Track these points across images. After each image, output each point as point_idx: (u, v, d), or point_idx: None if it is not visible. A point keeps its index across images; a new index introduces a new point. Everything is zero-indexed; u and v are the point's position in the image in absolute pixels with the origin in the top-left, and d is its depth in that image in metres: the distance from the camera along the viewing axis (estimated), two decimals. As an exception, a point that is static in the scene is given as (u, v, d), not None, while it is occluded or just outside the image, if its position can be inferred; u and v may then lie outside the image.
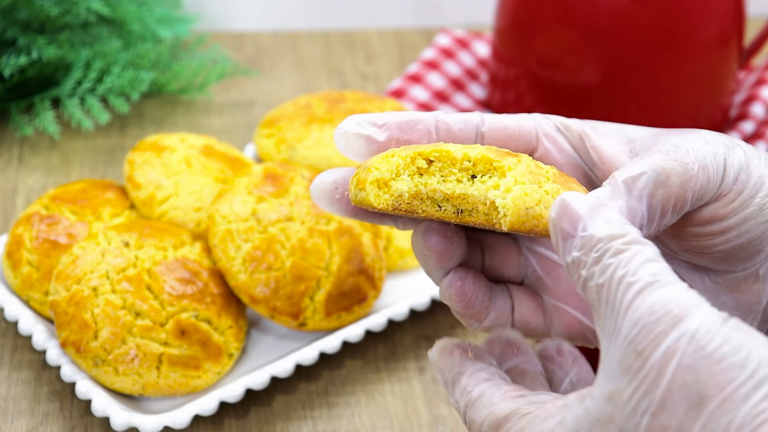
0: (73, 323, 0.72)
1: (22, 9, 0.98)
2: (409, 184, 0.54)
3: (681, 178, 0.50)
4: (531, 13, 0.95)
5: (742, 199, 0.52)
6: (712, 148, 0.51)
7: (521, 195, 0.51)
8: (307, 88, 1.09)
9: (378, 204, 0.54)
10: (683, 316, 0.43)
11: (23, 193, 0.93)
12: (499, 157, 0.52)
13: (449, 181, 0.54)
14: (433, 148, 0.54)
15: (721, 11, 0.92)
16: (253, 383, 0.73)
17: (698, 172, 0.50)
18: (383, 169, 0.54)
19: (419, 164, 0.54)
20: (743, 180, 0.52)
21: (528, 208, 0.51)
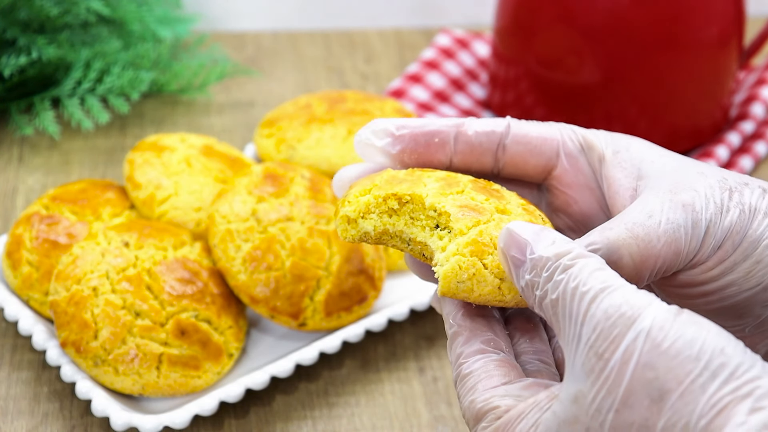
0: (73, 323, 0.72)
1: (22, 9, 0.98)
2: (376, 224, 0.56)
3: (635, 258, 0.51)
4: (531, 13, 0.95)
5: (724, 267, 0.52)
6: (697, 215, 0.51)
7: (454, 268, 0.53)
8: (307, 88, 1.09)
9: (344, 237, 0.56)
10: (636, 316, 0.45)
11: (23, 193, 0.93)
12: (466, 212, 0.54)
13: (416, 225, 0.56)
14: (408, 190, 0.55)
15: (721, 11, 0.92)
16: (253, 383, 0.73)
17: (662, 249, 0.51)
18: (352, 208, 0.56)
19: (391, 204, 0.56)
20: (728, 247, 0.52)
21: (459, 282, 0.53)
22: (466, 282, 0.53)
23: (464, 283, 0.53)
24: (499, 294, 0.53)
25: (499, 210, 0.55)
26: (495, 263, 0.53)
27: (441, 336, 0.81)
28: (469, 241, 0.53)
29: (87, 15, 0.99)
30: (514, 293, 0.53)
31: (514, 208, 0.56)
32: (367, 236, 0.57)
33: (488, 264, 0.53)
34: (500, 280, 0.53)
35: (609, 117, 0.94)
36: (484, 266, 0.53)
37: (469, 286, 0.53)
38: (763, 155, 1.00)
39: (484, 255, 0.53)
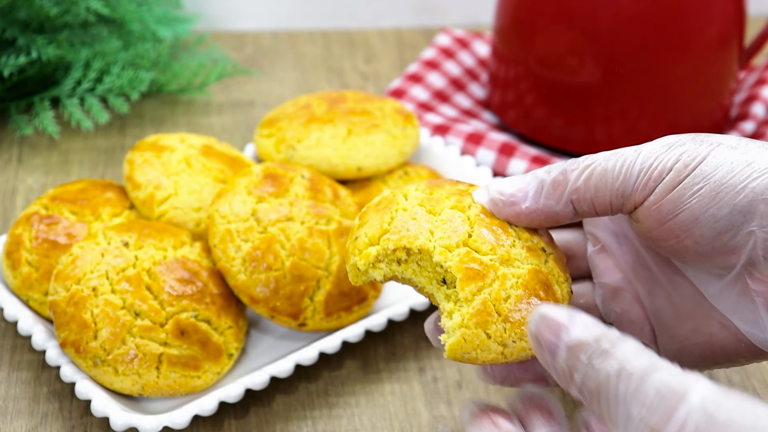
0: (73, 323, 0.72)
1: (22, 8, 0.98)
2: (385, 272, 0.59)
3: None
4: (531, 13, 0.95)
5: (672, 202, 0.55)
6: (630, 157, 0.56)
7: (459, 341, 0.56)
8: (307, 88, 1.09)
9: (355, 282, 0.60)
10: (687, 390, 0.45)
11: (23, 193, 0.93)
12: (467, 277, 0.57)
13: (423, 275, 0.59)
14: (417, 243, 0.58)
15: (722, 11, 0.92)
16: (252, 383, 0.73)
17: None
18: (361, 262, 0.59)
19: (399, 255, 0.59)
20: (668, 180, 0.55)
21: (465, 352, 0.56)
22: (470, 352, 0.56)
23: (469, 353, 0.56)
24: (502, 358, 0.57)
25: (503, 261, 0.58)
26: (498, 332, 0.56)
27: (441, 336, 0.81)
28: (474, 313, 0.56)
29: (86, 15, 0.99)
30: (516, 355, 0.57)
31: (519, 251, 0.58)
32: (374, 281, 0.60)
33: (492, 334, 0.56)
34: (503, 347, 0.56)
35: (609, 117, 0.94)
36: (487, 336, 0.56)
37: (473, 356, 0.56)
38: (763, 155, 0.99)
39: (488, 326, 0.56)
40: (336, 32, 1.17)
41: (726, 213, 0.54)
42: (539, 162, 0.95)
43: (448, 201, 0.60)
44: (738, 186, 0.54)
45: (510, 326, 0.56)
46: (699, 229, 0.55)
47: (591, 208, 0.57)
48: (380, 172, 0.87)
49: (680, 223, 0.55)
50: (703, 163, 0.54)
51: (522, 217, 0.59)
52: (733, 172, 0.54)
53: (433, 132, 0.98)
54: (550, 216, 0.58)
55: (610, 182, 0.56)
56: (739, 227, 0.54)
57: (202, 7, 1.17)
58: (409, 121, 0.90)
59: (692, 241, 0.55)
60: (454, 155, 0.92)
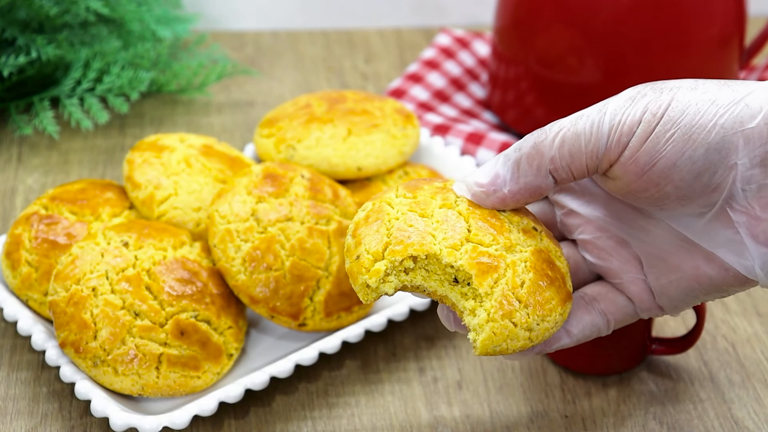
0: (73, 323, 0.72)
1: (22, 8, 0.97)
2: (395, 284, 0.59)
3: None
4: (531, 13, 0.94)
5: (648, 152, 0.56)
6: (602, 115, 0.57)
7: (491, 336, 0.57)
8: (307, 88, 1.09)
9: (365, 300, 0.59)
10: None
11: (22, 193, 0.93)
12: (480, 272, 0.58)
13: (433, 279, 0.59)
14: (422, 249, 0.58)
15: (722, 11, 0.92)
16: (252, 383, 0.73)
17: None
18: (372, 280, 0.59)
19: (406, 265, 0.59)
20: (639, 133, 0.56)
21: (496, 345, 0.57)
22: (501, 344, 0.58)
23: (499, 345, 0.58)
24: (529, 342, 0.58)
25: (507, 248, 0.59)
26: (523, 318, 0.57)
27: (441, 336, 0.81)
28: (497, 305, 0.57)
29: (86, 14, 0.99)
30: (540, 337, 0.58)
31: (517, 236, 0.60)
32: (386, 294, 0.60)
33: (518, 322, 0.58)
34: (530, 332, 0.58)
35: (609, 117, 0.94)
36: (514, 325, 0.57)
37: (504, 347, 0.58)
38: (763, 155, 0.99)
39: (513, 315, 0.57)
40: (336, 32, 1.17)
41: (702, 153, 0.55)
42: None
43: (435, 201, 0.60)
44: (708, 125, 0.55)
45: (532, 310, 0.58)
46: (678, 174, 0.55)
47: (569, 174, 0.58)
48: (380, 172, 0.87)
49: (659, 171, 0.56)
50: (669, 109, 0.55)
51: (508, 200, 0.60)
52: (700, 112, 0.55)
53: (433, 132, 0.98)
54: (533, 191, 0.59)
55: (583, 145, 0.57)
56: (717, 164, 0.55)
57: (202, 7, 1.17)
58: (409, 121, 0.90)
59: (673, 186, 0.56)
60: (454, 155, 0.92)
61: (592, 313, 0.62)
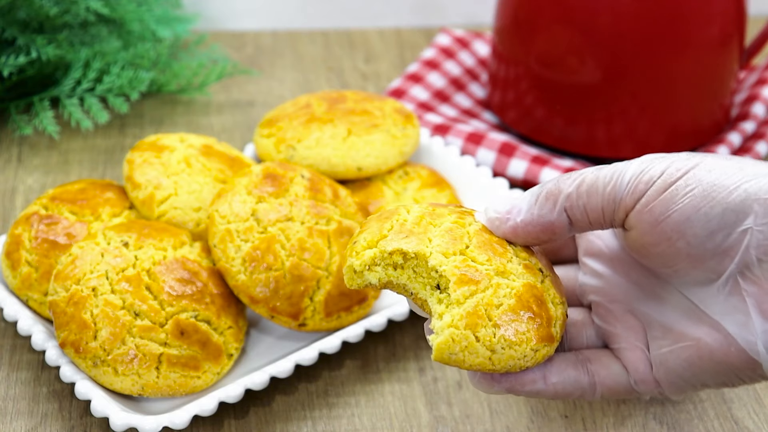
0: (72, 323, 0.72)
1: (22, 8, 0.97)
2: (380, 276, 0.59)
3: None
4: (531, 13, 0.94)
5: (660, 205, 0.55)
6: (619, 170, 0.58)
7: (447, 341, 0.56)
8: (307, 88, 1.09)
9: (350, 286, 0.59)
10: None
11: (22, 193, 0.93)
12: (460, 281, 0.57)
13: (418, 281, 0.59)
14: (414, 248, 0.58)
15: (722, 11, 0.92)
16: (252, 384, 0.73)
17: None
18: (358, 262, 0.59)
19: (396, 259, 0.59)
20: (650, 192, 0.56)
21: (452, 353, 0.56)
22: (457, 354, 0.56)
23: (456, 354, 0.56)
24: (489, 363, 0.56)
25: (498, 272, 0.58)
26: (487, 336, 0.56)
27: (441, 336, 0.81)
28: (464, 314, 0.56)
29: (86, 14, 0.99)
30: (503, 364, 0.56)
31: (515, 267, 0.59)
32: (370, 286, 0.60)
33: (481, 337, 0.56)
34: (491, 352, 0.56)
35: (609, 117, 0.94)
36: (476, 339, 0.56)
37: (460, 357, 0.56)
38: (764, 155, 0.99)
39: (477, 328, 0.56)
40: (336, 32, 1.17)
41: (719, 212, 0.54)
42: (539, 162, 0.95)
43: (449, 217, 0.61)
44: (731, 186, 0.54)
45: (499, 332, 0.56)
46: (691, 229, 0.55)
47: (584, 215, 0.58)
48: (380, 172, 0.87)
49: (672, 224, 0.55)
50: (695, 168, 0.55)
51: (519, 230, 0.59)
52: (726, 174, 0.55)
53: (433, 132, 0.98)
54: (546, 227, 0.59)
55: (601, 188, 0.57)
56: (732, 226, 0.54)
57: (202, 7, 1.17)
58: (409, 121, 0.90)
59: (685, 242, 0.55)
60: (454, 155, 0.92)
61: (578, 369, 0.60)
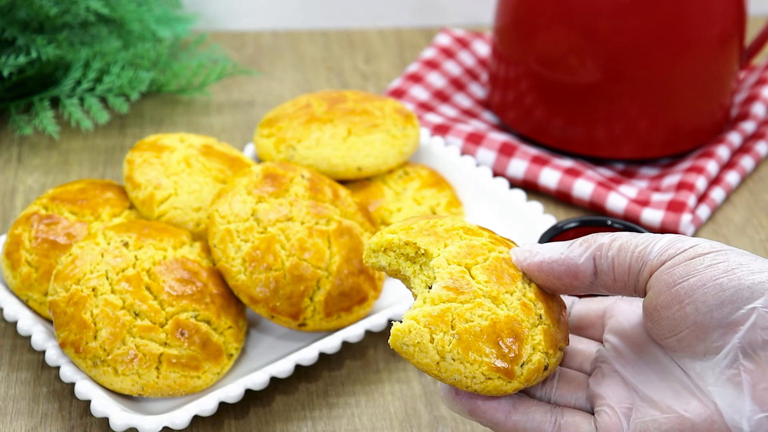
0: (72, 323, 0.72)
1: (21, 8, 0.97)
2: (391, 261, 0.61)
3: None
4: (531, 13, 0.94)
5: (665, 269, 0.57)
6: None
7: (403, 331, 0.57)
8: (307, 88, 1.09)
9: (366, 262, 0.62)
10: None
11: (22, 193, 0.93)
12: (450, 286, 0.58)
13: (418, 277, 0.60)
14: (426, 245, 0.60)
15: (722, 11, 0.92)
16: (252, 384, 0.73)
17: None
18: (376, 240, 0.61)
19: (408, 251, 0.60)
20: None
21: (404, 344, 0.57)
22: (409, 346, 0.57)
23: (408, 346, 0.57)
24: (434, 368, 0.57)
25: (490, 296, 0.58)
26: (442, 342, 0.56)
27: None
28: (431, 312, 0.57)
29: (86, 14, 0.99)
30: (447, 375, 0.57)
31: (512, 300, 0.59)
32: (382, 269, 0.62)
33: (435, 340, 0.56)
34: (440, 358, 0.56)
35: (609, 117, 0.94)
36: (431, 340, 0.56)
37: (410, 351, 0.57)
38: (763, 155, 0.99)
39: (436, 331, 0.57)
40: (336, 32, 1.17)
41: (734, 286, 0.55)
42: (539, 162, 0.95)
43: (481, 239, 0.61)
44: (755, 269, 0.55)
45: (456, 343, 0.56)
46: (703, 296, 0.55)
47: (610, 268, 0.58)
48: (380, 172, 0.87)
49: (687, 288, 0.56)
50: (728, 250, 0.56)
51: (544, 266, 0.60)
52: (755, 261, 0.56)
53: (433, 132, 0.98)
54: (570, 268, 0.59)
55: (632, 247, 0.58)
56: (743, 302, 0.55)
57: (202, 7, 1.17)
58: (409, 121, 0.90)
59: (694, 308, 0.55)
60: (454, 155, 0.92)
61: (545, 417, 0.60)
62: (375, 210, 0.85)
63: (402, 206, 0.86)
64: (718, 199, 0.94)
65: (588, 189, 0.93)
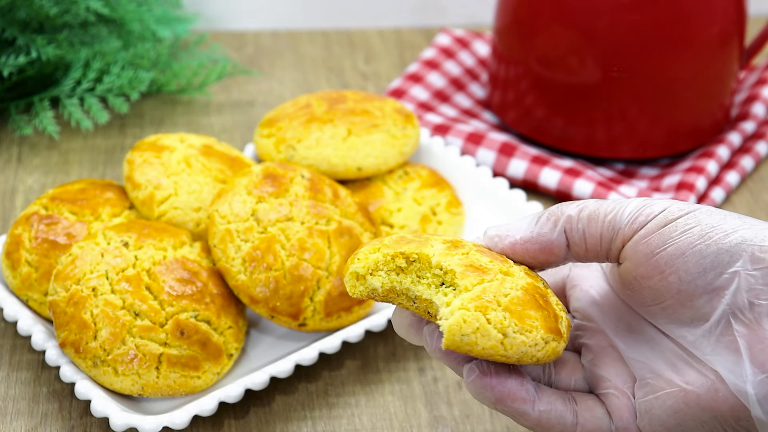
0: (72, 323, 0.72)
1: (22, 8, 0.97)
2: (384, 281, 0.59)
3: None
4: (531, 13, 0.94)
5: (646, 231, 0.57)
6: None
7: (459, 321, 0.55)
8: (307, 88, 1.09)
9: (353, 293, 0.59)
10: None
11: (22, 193, 0.93)
12: (465, 273, 0.57)
13: (422, 283, 0.58)
14: (416, 249, 0.58)
15: (722, 11, 0.92)
16: (252, 383, 0.73)
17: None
18: (360, 265, 0.59)
19: (399, 263, 0.58)
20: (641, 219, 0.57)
21: (464, 334, 0.55)
22: (470, 335, 0.55)
23: (468, 336, 0.55)
24: (501, 348, 0.55)
25: (503, 272, 0.58)
26: (498, 319, 0.55)
27: (441, 336, 0.81)
28: (474, 297, 0.55)
29: (86, 14, 0.99)
30: (515, 350, 0.55)
31: (517, 271, 0.59)
32: (374, 293, 0.59)
33: (492, 319, 0.55)
34: (503, 336, 0.55)
35: (609, 117, 0.94)
36: (487, 321, 0.55)
37: (473, 340, 0.55)
38: (763, 155, 0.99)
39: (487, 311, 0.55)
40: (336, 32, 1.17)
41: (713, 251, 0.55)
42: (539, 162, 0.95)
43: (444, 236, 0.61)
44: (728, 230, 0.55)
45: (510, 316, 0.55)
46: (684, 265, 0.55)
47: (582, 240, 0.58)
48: (380, 172, 0.87)
49: (667, 257, 0.56)
50: (696, 211, 0.56)
51: (517, 247, 0.60)
52: (725, 219, 0.56)
53: (433, 132, 0.98)
54: (545, 246, 0.59)
55: (602, 216, 0.58)
56: (724, 267, 0.55)
57: (202, 7, 1.17)
58: (409, 121, 0.90)
59: (676, 277, 0.56)
60: (454, 155, 0.92)
61: (566, 406, 0.60)
62: (375, 210, 0.85)
63: (402, 206, 0.86)
64: (718, 199, 0.94)
65: (588, 189, 0.93)
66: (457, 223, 0.87)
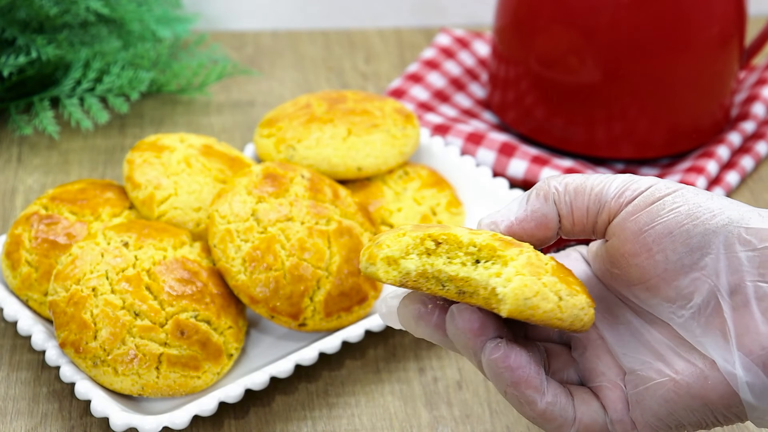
0: (72, 323, 0.72)
1: (22, 8, 0.97)
2: (417, 263, 0.57)
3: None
4: (531, 13, 0.94)
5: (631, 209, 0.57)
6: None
7: (521, 286, 0.55)
8: (307, 88, 1.09)
9: (386, 279, 0.57)
10: None
11: (22, 193, 0.93)
12: (503, 246, 0.56)
13: (454, 264, 0.57)
14: (442, 231, 0.58)
15: (722, 11, 0.92)
16: (252, 383, 0.73)
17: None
18: (394, 248, 0.58)
19: (428, 245, 0.58)
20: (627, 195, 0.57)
21: (527, 298, 0.55)
22: (531, 299, 0.55)
23: (530, 300, 0.55)
24: (558, 312, 0.56)
25: (526, 246, 0.58)
26: (551, 283, 0.55)
27: (441, 336, 0.81)
28: (525, 263, 0.55)
29: (86, 14, 0.99)
30: (569, 312, 0.56)
31: (530, 248, 0.58)
32: (407, 277, 0.58)
33: (546, 283, 0.55)
34: (559, 299, 0.56)
35: (609, 117, 0.94)
36: (544, 284, 0.55)
37: (535, 303, 0.55)
38: (763, 155, 0.99)
39: (540, 276, 0.55)
40: (336, 32, 1.17)
41: (700, 231, 0.55)
42: (539, 162, 0.95)
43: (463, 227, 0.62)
44: (715, 210, 0.55)
45: (558, 280, 0.56)
46: (672, 244, 0.56)
47: (569, 213, 0.58)
48: (380, 172, 0.87)
49: (655, 235, 0.56)
50: (682, 189, 0.57)
51: (515, 228, 0.60)
52: (711, 199, 0.56)
53: (433, 132, 0.98)
54: (540, 221, 0.59)
55: (588, 189, 0.58)
56: (711, 247, 0.55)
57: (202, 7, 1.17)
58: (409, 121, 0.90)
59: (663, 255, 0.56)
60: (454, 155, 0.92)
61: (568, 399, 0.59)
62: (375, 210, 0.85)
63: (402, 206, 0.86)
64: (718, 199, 0.94)
65: (588, 189, 0.93)
66: (457, 223, 0.87)
